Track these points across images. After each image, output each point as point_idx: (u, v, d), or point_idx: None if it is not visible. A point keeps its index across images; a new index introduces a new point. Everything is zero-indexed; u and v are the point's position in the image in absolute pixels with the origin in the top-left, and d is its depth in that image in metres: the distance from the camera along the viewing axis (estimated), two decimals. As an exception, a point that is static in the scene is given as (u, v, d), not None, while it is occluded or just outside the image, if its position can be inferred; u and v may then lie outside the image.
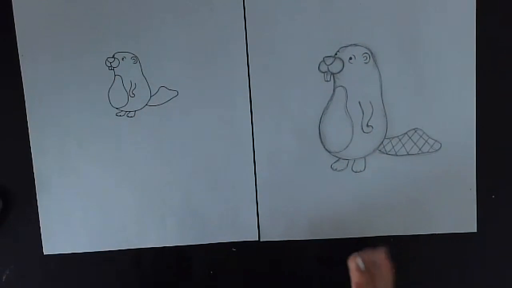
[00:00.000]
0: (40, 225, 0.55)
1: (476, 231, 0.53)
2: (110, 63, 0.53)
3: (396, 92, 0.52)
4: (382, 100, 0.53)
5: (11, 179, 0.55)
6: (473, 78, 0.52)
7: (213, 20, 0.53)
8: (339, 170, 0.54)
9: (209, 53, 0.53)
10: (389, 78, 0.52)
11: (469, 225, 0.53)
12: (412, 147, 0.53)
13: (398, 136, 0.53)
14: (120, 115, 0.54)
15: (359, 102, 0.53)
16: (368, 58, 0.52)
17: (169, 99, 0.53)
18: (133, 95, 0.53)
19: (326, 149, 0.53)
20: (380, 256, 0.46)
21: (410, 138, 0.53)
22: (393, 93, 0.52)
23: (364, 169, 0.53)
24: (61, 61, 0.54)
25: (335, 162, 0.54)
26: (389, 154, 0.53)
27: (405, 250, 0.53)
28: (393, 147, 0.53)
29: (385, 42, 0.52)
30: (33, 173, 0.54)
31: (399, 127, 0.53)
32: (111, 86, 0.53)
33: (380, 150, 0.53)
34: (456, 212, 0.53)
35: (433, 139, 0.53)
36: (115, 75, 0.53)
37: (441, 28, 0.51)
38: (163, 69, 0.53)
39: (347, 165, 0.54)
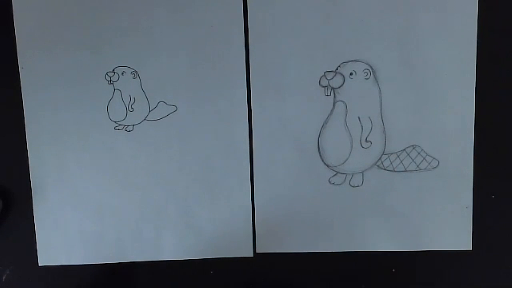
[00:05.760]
0: (36, 237, 0.55)
1: (471, 249, 0.53)
2: (110, 77, 0.53)
3: (396, 109, 0.52)
4: (382, 116, 0.53)
5: (11, 179, 0.55)
6: (473, 97, 0.52)
7: (213, 35, 0.52)
8: (336, 184, 0.54)
9: (209, 69, 0.53)
10: (389, 95, 0.52)
11: (464, 243, 0.53)
12: (410, 164, 0.53)
13: (396, 152, 0.53)
14: (118, 129, 0.54)
15: (359, 117, 0.53)
16: (369, 74, 0.52)
17: (167, 114, 0.53)
18: (132, 110, 0.53)
19: (325, 163, 0.54)
20: None
21: (408, 154, 0.53)
22: (393, 109, 0.52)
23: (361, 184, 0.54)
24: (61, 75, 0.53)
25: (333, 176, 0.54)
26: (387, 170, 0.53)
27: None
28: (391, 163, 0.53)
29: (386, 59, 0.52)
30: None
31: (398, 143, 0.53)
32: (110, 100, 0.53)
33: (378, 166, 0.53)
34: (451, 230, 0.53)
35: (431, 156, 0.53)
36: (114, 89, 0.53)
37: (442, 47, 0.51)
38: (162, 85, 0.53)
39: (345, 179, 0.54)
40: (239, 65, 0.52)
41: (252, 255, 0.54)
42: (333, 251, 0.54)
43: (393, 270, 0.54)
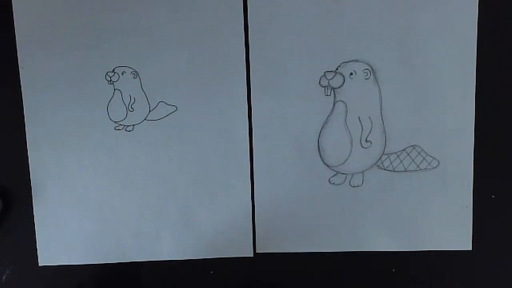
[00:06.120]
0: (36, 237, 0.55)
1: (471, 249, 0.53)
2: (110, 77, 0.53)
3: (396, 109, 0.53)
4: (382, 116, 0.53)
5: (11, 179, 0.55)
6: (473, 97, 0.52)
7: (214, 35, 0.52)
8: (337, 184, 0.54)
9: (209, 69, 0.53)
10: (389, 95, 0.52)
11: (464, 243, 0.53)
12: (410, 164, 0.53)
13: (396, 152, 0.53)
14: (118, 129, 0.54)
15: (359, 117, 0.53)
16: (369, 74, 0.52)
17: (168, 114, 0.53)
18: (132, 110, 0.53)
19: (325, 163, 0.54)
20: None
21: (408, 154, 0.53)
22: (393, 109, 0.53)
23: (361, 184, 0.54)
24: (61, 75, 0.53)
25: (333, 176, 0.54)
26: (387, 170, 0.53)
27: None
28: (391, 163, 0.53)
29: (386, 59, 0.52)
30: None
31: (398, 143, 0.53)
32: (110, 100, 0.53)
33: (378, 166, 0.53)
34: (451, 230, 0.53)
35: (431, 156, 0.53)
36: (114, 89, 0.53)
37: (442, 47, 0.51)
38: (162, 85, 0.53)
39: (345, 179, 0.54)
40: (239, 64, 0.53)
41: (252, 255, 0.55)
42: (333, 251, 0.54)
43: (393, 270, 0.54)
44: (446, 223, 0.53)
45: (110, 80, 0.53)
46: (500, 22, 0.51)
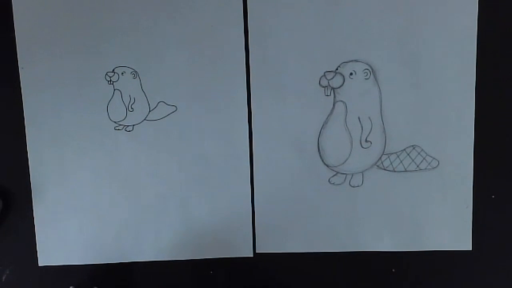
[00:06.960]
0: (36, 237, 0.55)
1: (471, 249, 0.53)
2: (110, 77, 0.53)
3: (396, 109, 0.53)
4: (382, 116, 0.53)
5: (11, 179, 0.55)
6: (473, 97, 0.52)
7: (213, 36, 0.52)
8: (336, 184, 0.54)
9: (209, 69, 0.53)
10: (389, 95, 0.52)
11: (464, 243, 0.53)
12: (410, 164, 0.53)
13: (396, 152, 0.53)
14: (118, 129, 0.54)
15: (359, 118, 0.53)
16: (369, 74, 0.52)
17: (167, 114, 0.53)
18: (132, 110, 0.53)
19: (325, 163, 0.54)
20: None
21: (408, 154, 0.53)
22: (393, 109, 0.53)
23: (361, 184, 0.54)
24: (61, 75, 0.53)
25: (333, 176, 0.54)
26: (387, 170, 0.53)
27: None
28: (391, 163, 0.53)
29: (386, 59, 0.52)
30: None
31: (398, 144, 0.53)
32: (110, 100, 0.53)
33: (378, 166, 0.53)
34: (451, 230, 0.53)
35: (431, 156, 0.53)
36: (114, 90, 0.53)
37: (443, 47, 0.52)
38: (162, 85, 0.53)
39: (344, 179, 0.54)
40: (239, 64, 0.53)
41: (252, 255, 0.55)
42: (333, 251, 0.54)
43: (393, 270, 0.54)
44: (446, 223, 0.53)
45: (110, 80, 0.53)
46: (500, 22, 0.52)
